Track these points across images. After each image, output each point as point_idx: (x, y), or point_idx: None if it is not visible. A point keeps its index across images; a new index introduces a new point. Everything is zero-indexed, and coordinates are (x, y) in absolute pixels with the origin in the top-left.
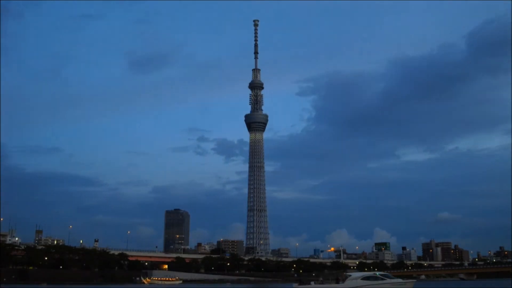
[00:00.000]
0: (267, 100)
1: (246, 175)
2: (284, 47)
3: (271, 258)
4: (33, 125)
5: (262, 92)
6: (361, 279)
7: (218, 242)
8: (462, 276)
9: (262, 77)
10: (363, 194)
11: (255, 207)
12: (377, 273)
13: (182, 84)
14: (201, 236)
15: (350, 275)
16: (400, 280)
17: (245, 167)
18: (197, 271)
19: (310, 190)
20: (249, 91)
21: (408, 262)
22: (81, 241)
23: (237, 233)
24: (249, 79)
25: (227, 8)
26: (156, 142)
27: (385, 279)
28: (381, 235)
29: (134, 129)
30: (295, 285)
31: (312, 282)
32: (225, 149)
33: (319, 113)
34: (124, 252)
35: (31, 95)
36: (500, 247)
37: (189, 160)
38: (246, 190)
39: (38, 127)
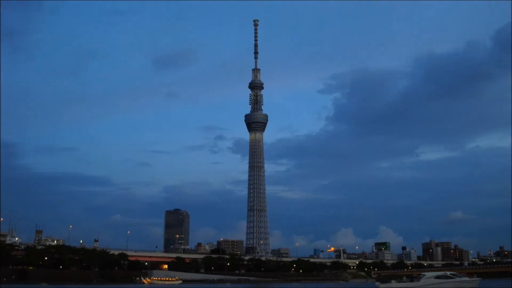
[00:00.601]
0: (284, 98)
1: None
2: (303, 44)
3: (271, 258)
4: (48, 123)
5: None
6: (434, 277)
7: (218, 242)
8: None
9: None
10: (376, 193)
11: (255, 207)
12: (448, 272)
13: (201, 82)
14: (206, 234)
15: (424, 275)
16: (467, 278)
17: None
18: (197, 271)
19: (320, 189)
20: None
21: (408, 262)
22: (81, 241)
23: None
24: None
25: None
26: (172, 141)
27: (455, 278)
28: (387, 234)
29: (150, 127)
30: (377, 283)
31: (393, 281)
32: (241, 148)
33: (339, 111)
34: (124, 252)
35: (50, 92)
36: (500, 247)
37: (205, 159)
38: None
39: (53, 125)
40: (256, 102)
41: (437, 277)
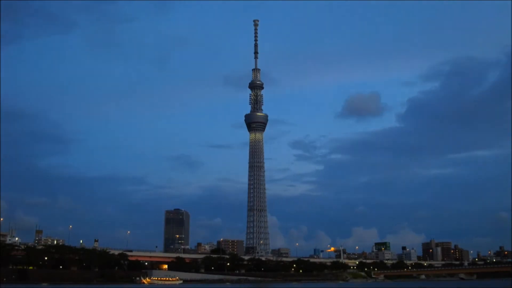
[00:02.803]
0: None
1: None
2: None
3: (271, 258)
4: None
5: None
6: None
7: (218, 242)
8: (462, 276)
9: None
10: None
11: (255, 207)
12: None
13: None
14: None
15: None
16: None
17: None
18: (197, 271)
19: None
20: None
21: (408, 262)
22: (81, 241)
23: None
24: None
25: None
26: (202, 139)
27: None
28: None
29: (175, 124)
30: None
31: None
32: None
33: (417, 104)
34: (124, 252)
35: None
36: (500, 247)
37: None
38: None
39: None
40: (256, 102)
41: None
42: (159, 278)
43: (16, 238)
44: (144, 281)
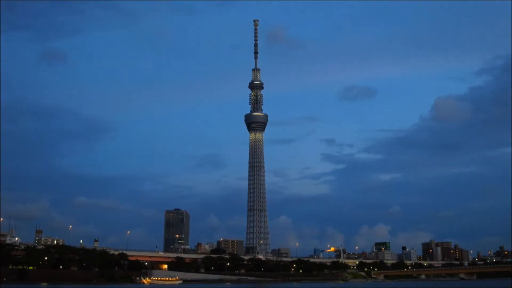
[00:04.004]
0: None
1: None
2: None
3: (271, 258)
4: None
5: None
6: None
7: (218, 242)
8: (462, 276)
9: None
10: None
11: (255, 207)
12: None
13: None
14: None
15: None
16: None
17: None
18: (197, 271)
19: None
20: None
21: (408, 262)
22: (81, 241)
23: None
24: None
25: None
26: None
27: None
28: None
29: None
30: None
31: None
32: None
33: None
34: (124, 252)
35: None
36: (500, 247)
37: None
38: None
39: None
40: (256, 102)
41: None
42: (159, 278)
43: (16, 238)
44: (144, 281)
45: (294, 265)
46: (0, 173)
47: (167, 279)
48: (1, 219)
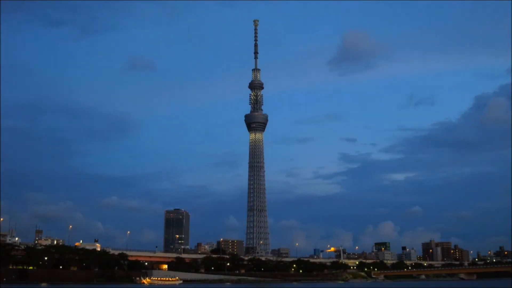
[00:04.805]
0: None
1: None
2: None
3: (271, 258)
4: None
5: None
6: None
7: (218, 242)
8: (462, 276)
9: None
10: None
11: (255, 207)
12: None
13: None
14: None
15: None
16: None
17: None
18: (197, 271)
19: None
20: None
21: (408, 262)
22: (81, 241)
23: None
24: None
25: None
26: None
27: None
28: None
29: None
30: None
31: None
32: None
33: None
34: (124, 252)
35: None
36: (500, 247)
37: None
38: None
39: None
40: (256, 102)
41: None
42: (159, 278)
43: (16, 238)
44: (144, 281)
45: (294, 265)
46: (0, 173)
47: (167, 279)
48: (1, 219)
